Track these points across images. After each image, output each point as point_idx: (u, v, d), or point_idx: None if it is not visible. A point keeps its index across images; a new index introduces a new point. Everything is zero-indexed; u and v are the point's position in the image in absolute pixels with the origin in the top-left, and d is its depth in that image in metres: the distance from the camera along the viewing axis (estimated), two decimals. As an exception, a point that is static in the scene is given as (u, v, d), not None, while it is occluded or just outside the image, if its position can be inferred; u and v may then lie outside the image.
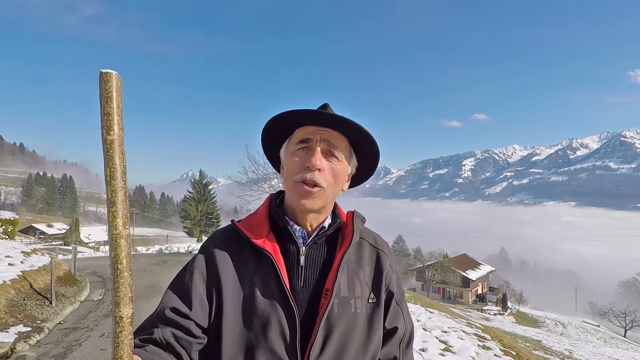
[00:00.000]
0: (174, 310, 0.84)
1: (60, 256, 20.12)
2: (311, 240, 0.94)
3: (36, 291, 8.15)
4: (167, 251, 23.24)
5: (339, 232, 0.99)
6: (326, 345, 0.85)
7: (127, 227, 0.48)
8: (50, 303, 7.89)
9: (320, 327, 0.85)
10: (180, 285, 0.89)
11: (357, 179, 1.05)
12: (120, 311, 0.47)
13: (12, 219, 14.29)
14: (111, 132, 0.45)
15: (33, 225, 69.47)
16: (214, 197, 44.04)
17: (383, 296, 0.97)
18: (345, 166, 0.96)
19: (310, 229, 0.96)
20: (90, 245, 60.49)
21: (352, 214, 1.01)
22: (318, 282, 0.91)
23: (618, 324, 44.80)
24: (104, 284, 11.21)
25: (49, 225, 73.44)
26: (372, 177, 1.08)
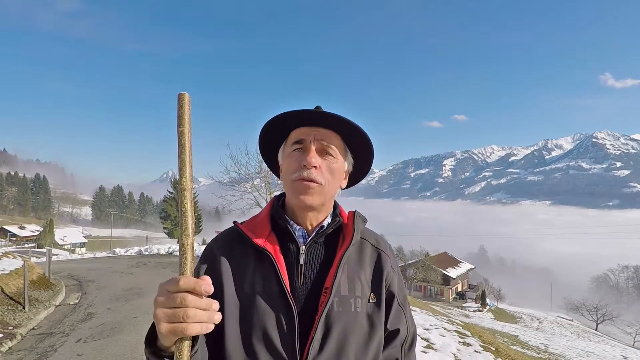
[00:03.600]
0: None
1: (34, 259, 19.37)
2: (311, 239, 0.95)
3: (8, 296, 7.85)
4: (146, 253, 22.72)
5: (340, 231, 0.99)
6: (325, 342, 0.85)
7: (192, 183, 0.64)
8: (24, 308, 7.60)
9: (319, 324, 0.85)
10: None
11: (354, 178, 1.07)
12: (183, 240, 0.63)
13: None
14: (182, 125, 0.63)
15: (4, 227, 66.76)
16: (195, 197, 43.22)
17: (384, 296, 0.97)
18: (342, 162, 0.97)
19: (310, 228, 0.97)
20: (66, 247, 58.60)
21: (353, 214, 1.02)
22: (318, 280, 0.91)
23: (590, 318, 46.72)
24: (80, 287, 10.86)
25: (21, 227, 70.75)
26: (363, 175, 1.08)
